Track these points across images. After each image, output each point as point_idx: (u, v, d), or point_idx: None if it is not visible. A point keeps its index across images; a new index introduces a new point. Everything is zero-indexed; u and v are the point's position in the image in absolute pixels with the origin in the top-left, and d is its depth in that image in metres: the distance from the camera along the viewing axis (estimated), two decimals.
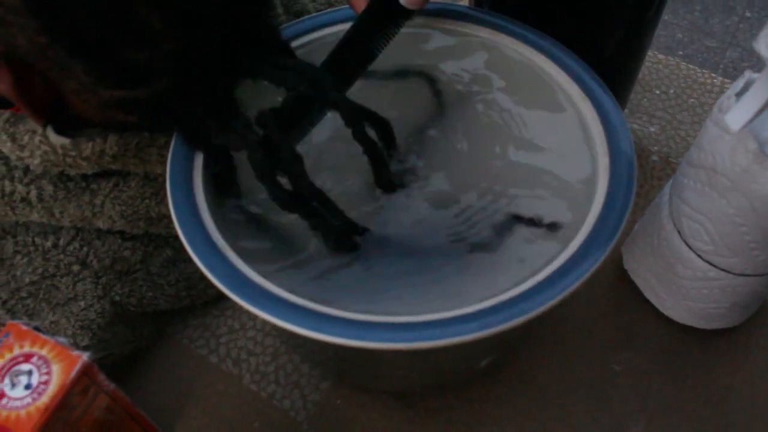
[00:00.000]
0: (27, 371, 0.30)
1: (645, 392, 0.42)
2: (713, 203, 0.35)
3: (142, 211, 0.39)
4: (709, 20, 1.65)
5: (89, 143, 0.36)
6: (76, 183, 0.38)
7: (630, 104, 0.56)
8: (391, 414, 0.41)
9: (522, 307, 0.29)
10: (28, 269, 0.39)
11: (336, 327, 0.28)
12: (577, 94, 0.37)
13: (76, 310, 0.39)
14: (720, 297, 0.40)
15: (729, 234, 0.36)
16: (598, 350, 0.44)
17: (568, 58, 0.39)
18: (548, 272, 0.30)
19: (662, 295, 0.43)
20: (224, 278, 0.30)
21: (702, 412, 0.41)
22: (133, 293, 0.41)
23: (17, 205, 0.38)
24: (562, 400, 0.42)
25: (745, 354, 0.44)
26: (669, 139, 0.54)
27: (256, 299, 0.29)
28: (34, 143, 0.36)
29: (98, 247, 0.40)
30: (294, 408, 0.42)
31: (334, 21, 0.42)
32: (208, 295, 0.45)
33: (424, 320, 0.29)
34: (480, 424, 0.41)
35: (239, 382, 0.43)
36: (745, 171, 0.33)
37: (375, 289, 0.33)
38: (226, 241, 0.32)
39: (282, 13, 0.47)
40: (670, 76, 0.58)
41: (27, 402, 0.30)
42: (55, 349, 0.31)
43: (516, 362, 0.43)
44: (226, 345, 0.44)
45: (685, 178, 0.37)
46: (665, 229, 0.40)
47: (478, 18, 0.41)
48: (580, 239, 0.31)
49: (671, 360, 0.43)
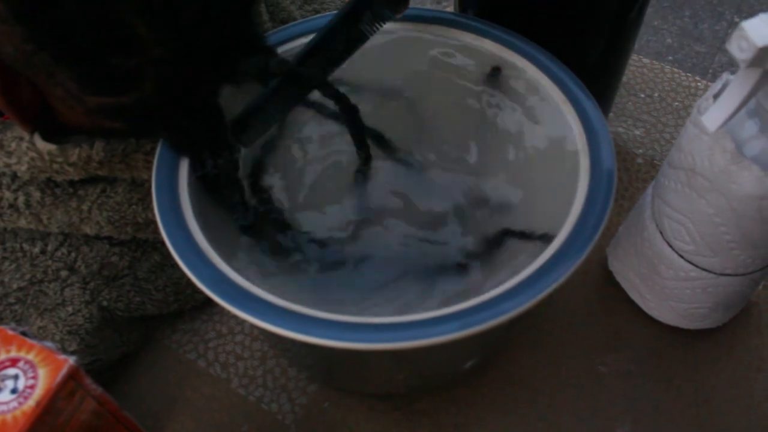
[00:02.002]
0: (13, 375, 0.30)
1: (631, 393, 0.43)
2: (693, 203, 0.36)
3: (129, 217, 0.40)
4: (699, 25, 1.66)
5: (76, 149, 0.36)
6: (64, 189, 0.38)
7: (615, 107, 0.57)
8: (378, 416, 0.41)
9: (502, 307, 0.29)
10: (16, 275, 0.39)
11: (320, 328, 0.29)
12: (558, 97, 0.38)
13: (64, 316, 0.39)
14: (702, 297, 0.40)
15: (709, 234, 0.36)
16: (584, 351, 0.44)
17: (550, 62, 0.39)
18: (529, 272, 0.30)
19: (646, 295, 0.43)
20: (210, 282, 0.31)
21: (687, 412, 0.42)
22: (121, 298, 0.41)
23: (5, 211, 0.38)
24: (549, 401, 0.42)
25: (729, 354, 0.44)
26: (654, 141, 0.55)
27: (241, 302, 0.30)
28: (21, 150, 0.36)
29: (86, 253, 0.40)
30: (282, 411, 0.42)
31: (320, 27, 0.42)
32: (195, 300, 0.45)
33: (407, 321, 0.29)
34: (467, 425, 0.41)
35: (227, 386, 0.43)
36: (723, 171, 0.33)
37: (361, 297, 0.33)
38: (211, 245, 0.32)
39: (268, 20, 0.48)
40: (654, 79, 0.59)
41: (13, 406, 0.30)
42: (41, 353, 0.31)
43: (503, 363, 0.43)
44: (214, 349, 0.44)
45: (666, 179, 0.38)
46: (648, 230, 0.40)
47: (463, 24, 0.42)
48: (561, 239, 0.32)
49: (657, 360, 0.44)
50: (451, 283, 0.35)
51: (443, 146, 0.41)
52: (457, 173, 0.39)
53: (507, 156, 0.40)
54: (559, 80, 0.38)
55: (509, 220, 0.36)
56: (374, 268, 0.35)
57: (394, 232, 0.37)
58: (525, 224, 0.35)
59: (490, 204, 0.38)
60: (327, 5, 0.53)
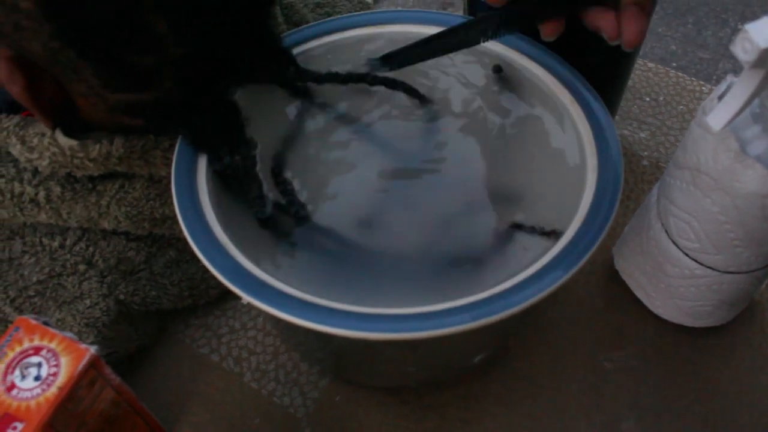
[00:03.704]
0: (36, 363, 0.31)
1: (636, 389, 0.43)
2: (698, 202, 0.37)
3: (147, 213, 0.41)
4: (702, 32, 1.67)
5: (96, 145, 0.37)
6: (83, 184, 0.39)
7: (621, 111, 0.58)
8: (388, 410, 0.42)
9: (513, 299, 0.30)
10: (35, 268, 0.40)
11: (336, 319, 0.30)
12: (567, 98, 0.39)
13: (82, 308, 0.40)
14: (707, 295, 0.41)
15: (714, 232, 0.37)
16: (590, 348, 0.45)
17: (558, 65, 0.40)
18: (538, 267, 0.31)
19: (652, 293, 0.44)
20: (227, 273, 0.31)
21: (691, 408, 0.42)
22: (137, 292, 0.42)
23: (26, 206, 0.39)
24: (554, 397, 0.43)
25: (732, 351, 0.45)
26: (659, 144, 0.55)
27: (259, 293, 0.31)
28: (43, 145, 0.37)
29: (104, 248, 0.41)
30: (293, 405, 0.43)
31: (332, 30, 0.43)
32: (209, 296, 0.46)
33: (419, 312, 0.30)
34: (475, 420, 0.42)
35: (240, 380, 0.44)
36: (727, 170, 0.34)
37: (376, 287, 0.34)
38: (229, 238, 0.33)
39: (282, 22, 0.49)
40: (659, 83, 0.60)
41: (37, 393, 0.31)
42: (63, 342, 0.32)
43: (509, 360, 0.44)
44: (227, 344, 0.45)
45: (672, 178, 0.39)
46: (653, 229, 0.41)
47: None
48: (570, 235, 0.32)
49: (661, 357, 0.45)
50: (464, 275, 0.35)
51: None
52: (471, 170, 0.40)
53: (516, 154, 0.41)
54: (567, 81, 0.39)
55: (519, 216, 0.37)
56: (389, 261, 0.36)
57: (407, 226, 0.38)
58: (534, 220, 0.36)
59: (500, 199, 0.39)
60: (339, 9, 0.54)
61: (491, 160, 0.41)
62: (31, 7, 0.29)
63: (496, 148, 0.41)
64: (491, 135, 0.41)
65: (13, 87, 0.34)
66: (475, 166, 0.40)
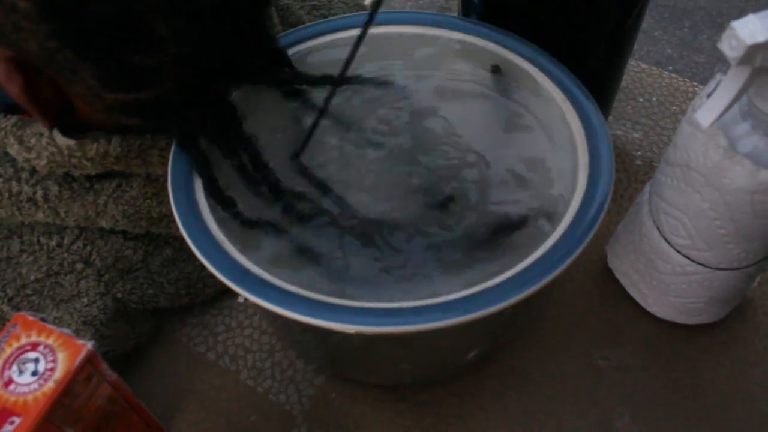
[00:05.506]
0: (34, 359, 0.32)
1: (630, 386, 0.44)
2: (689, 199, 0.37)
3: (144, 211, 0.41)
4: (698, 36, 1.68)
5: (94, 144, 0.37)
6: (81, 184, 0.40)
7: (614, 111, 0.58)
8: (383, 407, 0.43)
9: (502, 294, 0.30)
10: (33, 267, 0.41)
11: (328, 312, 0.30)
12: (559, 96, 0.39)
13: (79, 307, 0.40)
14: (699, 291, 0.41)
15: (704, 228, 0.37)
16: (584, 346, 0.45)
17: (548, 63, 0.41)
18: (529, 262, 0.32)
19: (645, 291, 0.44)
20: (224, 269, 0.32)
21: (685, 405, 0.43)
22: (134, 291, 0.42)
23: (24, 205, 0.40)
24: (549, 394, 0.43)
25: (725, 348, 0.45)
26: (652, 144, 0.56)
27: (255, 288, 0.31)
28: (41, 145, 0.37)
29: (101, 246, 0.42)
30: (289, 402, 0.43)
31: (327, 30, 0.44)
32: (206, 295, 0.46)
33: (413, 306, 0.30)
34: (470, 417, 0.42)
35: (236, 378, 0.44)
36: (717, 166, 0.34)
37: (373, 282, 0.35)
38: (226, 236, 0.33)
39: (278, 23, 0.49)
40: (653, 84, 0.60)
41: (34, 387, 0.31)
42: (60, 338, 0.32)
43: (504, 357, 0.44)
44: (223, 342, 0.46)
45: (663, 176, 0.39)
46: (645, 227, 0.42)
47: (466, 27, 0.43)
48: (561, 231, 0.33)
49: (655, 355, 0.45)
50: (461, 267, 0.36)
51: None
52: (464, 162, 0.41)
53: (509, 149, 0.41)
54: (560, 81, 0.40)
55: (511, 208, 0.38)
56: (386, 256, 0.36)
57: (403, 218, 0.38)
58: (525, 213, 0.37)
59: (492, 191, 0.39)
60: (335, 10, 0.55)
61: (488, 152, 0.41)
62: (29, 7, 0.30)
63: (489, 144, 0.41)
64: (489, 133, 0.42)
65: (11, 87, 0.34)
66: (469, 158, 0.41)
